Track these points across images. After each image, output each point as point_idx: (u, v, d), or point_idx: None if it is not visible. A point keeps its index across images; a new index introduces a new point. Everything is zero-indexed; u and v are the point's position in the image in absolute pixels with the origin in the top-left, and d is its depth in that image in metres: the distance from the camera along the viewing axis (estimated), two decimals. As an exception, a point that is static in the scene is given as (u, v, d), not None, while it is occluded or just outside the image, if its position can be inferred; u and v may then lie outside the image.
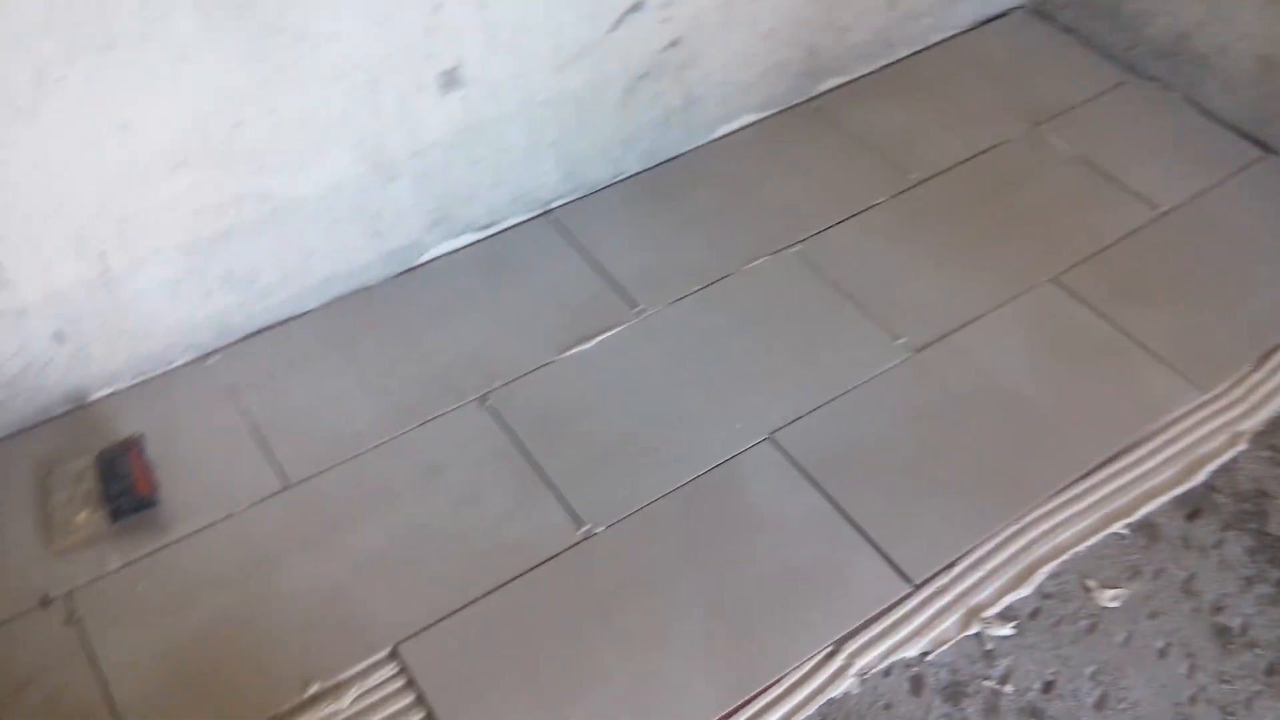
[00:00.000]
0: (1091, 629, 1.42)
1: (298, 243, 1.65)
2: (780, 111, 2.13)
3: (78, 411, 1.62)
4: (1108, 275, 1.84)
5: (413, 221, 1.76)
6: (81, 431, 1.59)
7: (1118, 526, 1.52)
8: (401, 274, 1.82)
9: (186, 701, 1.33)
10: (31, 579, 1.44)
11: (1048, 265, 1.86)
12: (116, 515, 1.47)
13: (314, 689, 1.35)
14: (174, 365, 1.67)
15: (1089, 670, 1.39)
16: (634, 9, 1.75)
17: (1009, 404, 1.65)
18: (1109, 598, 1.45)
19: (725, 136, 2.08)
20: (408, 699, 1.35)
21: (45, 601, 1.42)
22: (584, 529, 1.51)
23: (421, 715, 1.33)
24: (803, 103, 2.14)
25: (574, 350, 1.72)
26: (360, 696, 1.35)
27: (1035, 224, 1.93)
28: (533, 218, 1.91)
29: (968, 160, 2.05)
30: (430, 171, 1.71)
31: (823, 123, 2.12)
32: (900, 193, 1.98)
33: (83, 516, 1.48)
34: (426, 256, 1.83)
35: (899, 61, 2.25)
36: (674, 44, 1.85)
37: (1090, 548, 1.50)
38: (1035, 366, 1.70)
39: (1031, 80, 2.21)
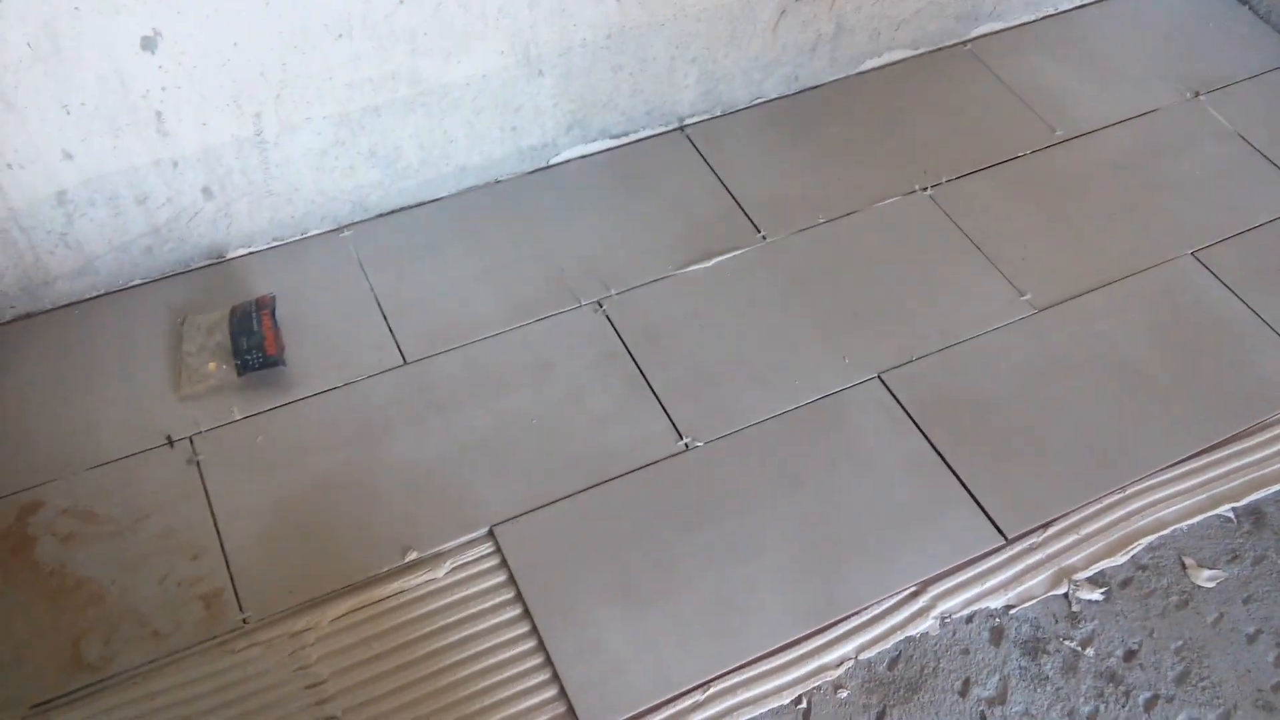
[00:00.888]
0: (1183, 605, 1.41)
1: (440, 128, 1.68)
2: (931, 51, 2.07)
3: (216, 267, 1.69)
4: (1249, 257, 1.77)
5: (550, 121, 1.77)
6: (217, 286, 1.66)
7: (1224, 509, 1.49)
8: (534, 172, 1.84)
9: (291, 550, 1.40)
10: (159, 419, 1.52)
11: (1187, 239, 1.80)
12: (244, 369, 1.54)
13: (412, 556, 1.41)
14: (309, 234, 1.73)
15: (1174, 645, 1.37)
16: (797, -72, 1.72)
17: (1127, 373, 1.62)
18: (1205, 577, 1.43)
19: (871, 71, 2.04)
20: (499, 578, 1.40)
21: (170, 441, 1.50)
22: (684, 441, 1.53)
23: (511, 594, 1.38)
24: (955, 45, 2.09)
25: (693, 267, 1.73)
26: (455, 569, 1.40)
27: (1180, 196, 1.86)
28: (666, 132, 1.91)
29: (1119, 123, 1.98)
30: (573, 72, 1.71)
31: (973, 68, 2.06)
32: (1045, 148, 1.93)
33: (212, 367, 1.55)
34: (559, 158, 1.85)
35: (1060, 14, 2.17)
36: (830, -30, 1.81)
37: (1192, 526, 1.47)
38: (1160, 339, 1.66)
39: (1197, 48, 2.12)
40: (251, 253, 1.70)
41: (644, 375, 1.60)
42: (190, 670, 1.31)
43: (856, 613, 1.39)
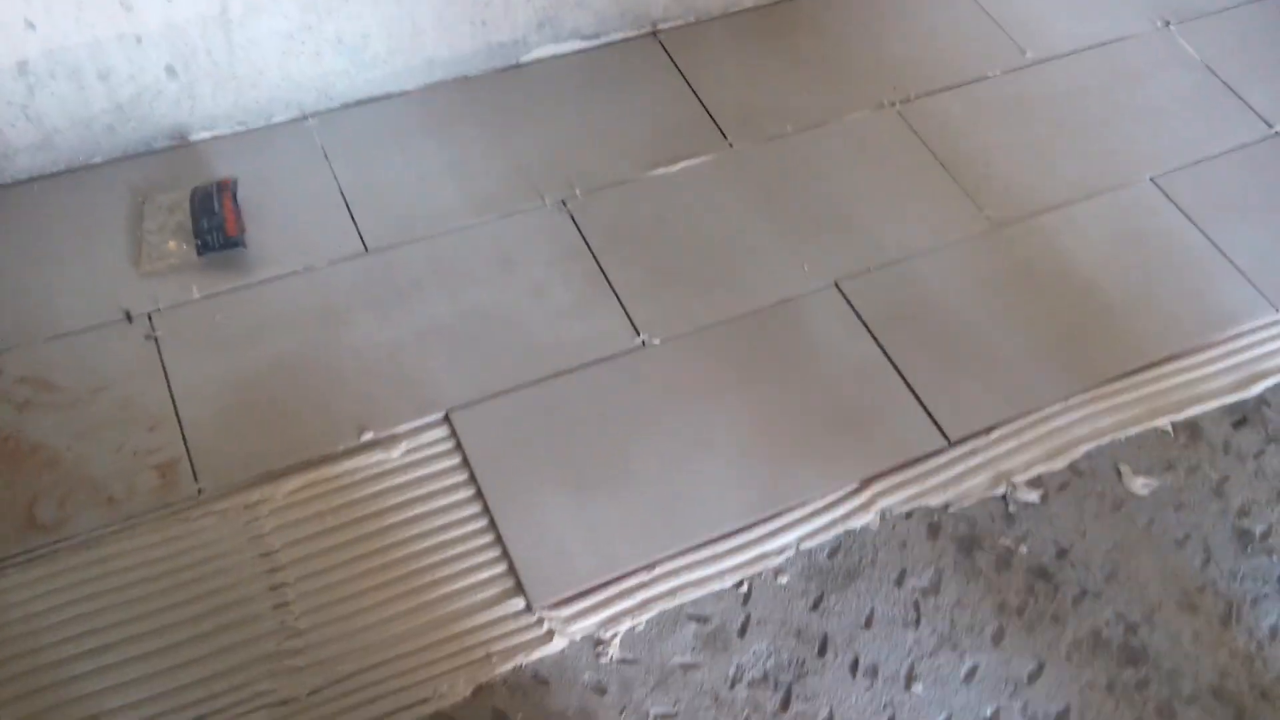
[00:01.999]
0: (1116, 509, 1.45)
1: (409, 19, 1.67)
2: (906, -30, 2.07)
3: (178, 149, 1.68)
4: (1208, 185, 1.80)
5: (521, 17, 1.77)
6: (179, 167, 1.66)
7: (1162, 421, 1.53)
8: (503, 69, 1.83)
9: (248, 426, 1.42)
10: (118, 295, 1.52)
11: (1148, 165, 1.82)
12: (203, 249, 1.54)
13: (368, 436, 1.43)
14: (274, 121, 1.72)
15: (1105, 547, 1.42)
16: None
17: (1080, 291, 1.65)
18: (1140, 485, 1.47)
19: (846, -14, 2.04)
20: (453, 461, 1.42)
21: (129, 317, 1.50)
22: (641, 338, 1.55)
23: (465, 477, 1.41)
24: (930, -36, 2.09)
25: (658, 171, 1.74)
26: (410, 451, 1.43)
27: (1143, 123, 1.88)
28: (638, 36, 1.91)
29: (1089, 49, 1.99)
30: (546, -32, 1.71)
31: (947, -12, 2.06)
32: (1014, 70, 1.94)
33: (172, 245, 1.55)
34: (530, 57, 1.84)
35: (1037, -62, 2.17)
36: (810, -123, 1.80)
37: (1130, 437, 1.52)
38: (1114, 260, 1.69)
39: (1171, -22, 2.13)
40: (215, 136, 1.69)
41: (604, 274, 1.61)
42: (144, 536, 1.33)
43: (800, 505, 1.43)
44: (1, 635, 1.25)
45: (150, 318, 1.51)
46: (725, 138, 1.79)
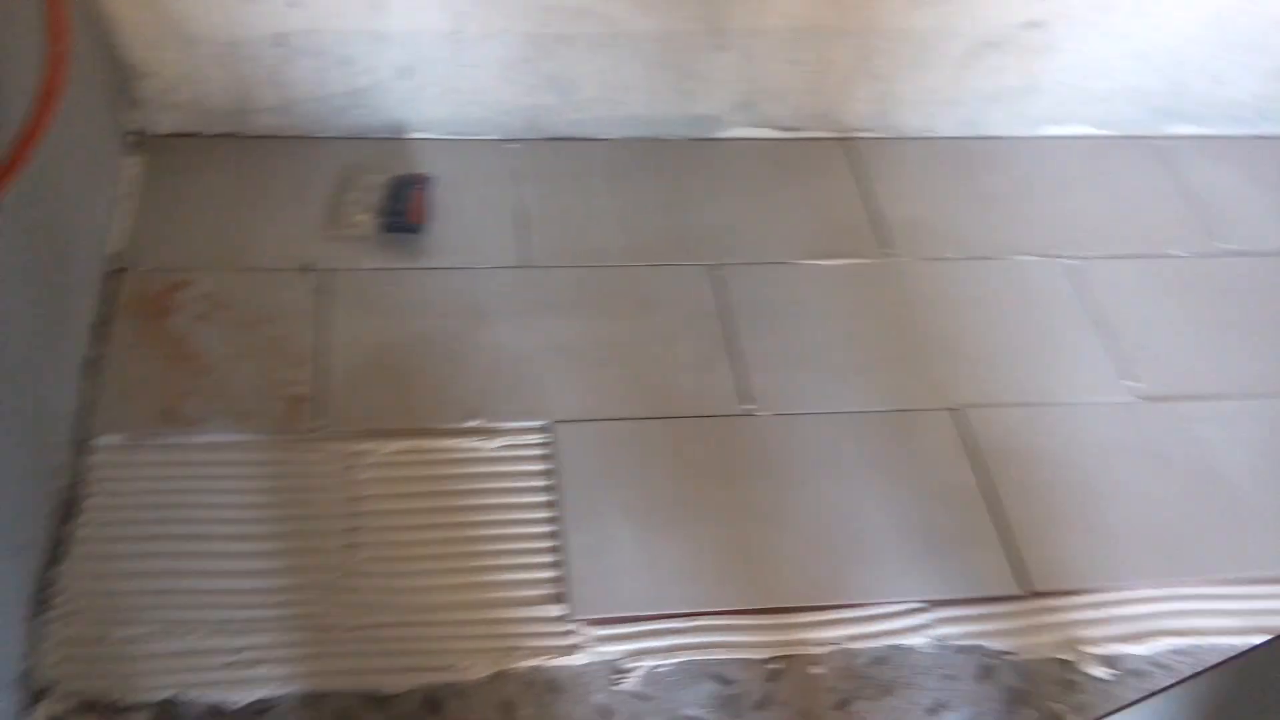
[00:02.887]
0: (1183, 703, 1.37)
1: (620, 73, 1.82)
2: (1116, 136, 2.07)
3: (393, 141, 1.87)
4: (1383, 414, 1.70)
5: (722, 96, 1.89)
6: (389, 156, 1.85)
7: (1261, 639, 1.44)
8: (696, 139, 1.95)
9: (373, 387, 1.55)
10: (304, 249, 1.71)
11: (1320, 378, 1.74)
12: (386, 228, 1.72)
13: (473, 423, 1.53)
14: (480, 137, 1.89)
15: (1161, 739, 1.34)
16: (1005, -26, 1.77)
17: (1213, 484, 1.58)
18: (1217, 687, 1.38)
19: (1050, 137, 2.06)
20: (540, 467, 1.50)
21: (305, 268, 1.68)
22: (748, 406, 1.60)
23: (546, 483, 1.49)
24: (1142, 136, 2.08)
25: (811, 261, 1.80)
26: (505, 447, 1.52)
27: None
28: (830, 138, 1.99)
29: (1286, 252, 1.93)
30: (755, 55, 1.82)
31: (1154, 162, 2.05)
32: (1201, 255, 1.90)
33: (361, 218, 1.73)
34: (724, 134, 1.95)
35: (1268, 138, 2.13)
36: (1035, 25, 1.85)
37: (1222, 646, 1.43)
38: (1261, 464, 1.61)
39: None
40: (427, 138, 1.88)
41: (733, 337, 1.68)
42: (260, 452, 1.47)
43: (858, 605, 1.43)
44: (119, 500, 1.40)
45: (324, 274, 1.68)
46: (885, 247, 1.84)
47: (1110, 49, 1.92)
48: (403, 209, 1.72)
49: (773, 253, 1.80)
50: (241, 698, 1.27)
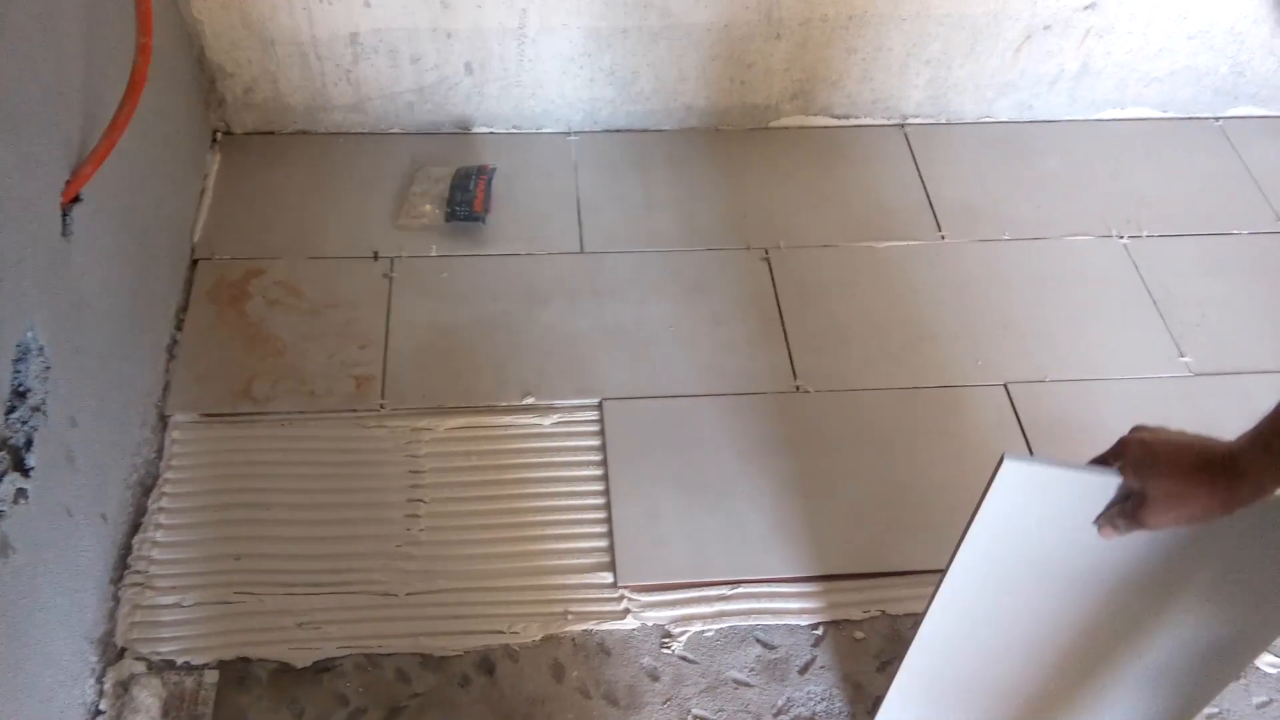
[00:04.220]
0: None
1: (677, 65, 1.87)
2: (1178, 118, 2.06)
3: (458, 135, 1.95)
4: None
5: (777, 85, 1.92)
6: (454, 150, 1.93)
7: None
8: (752, 129, 1.99)
9: (436, 367, 1.63)
10: (373, 237, 1.79)
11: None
12: (451, 217, 1.79)
13: (529, 400, 1.60)
14: (542, 130, 1.96)
15: (1209, 710, 1.34)
16: (1058, -43, 1.78)
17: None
18: (1267, 662, 1.37)
19: (1109, 120, 2.05)
20: (593, 442, 1.56)
21: (375, 256, 1.76)
22: (798, 383, 1.64)
23: (598, 458, 1.54)
24: (1204, 118, 2.06)
25: (865, 243, 1.82)
26: (560, 423, 1.58)
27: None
28: (886, 125, 2.01)
29: (1358, 230, 1.89)
30: (809, 44, 1.85)
31: (1217, 142, 2.02)
32: (1263, 233, 1.88)
33: (427, 208, 1.81)
34: (778, 123, 1.99)
35: (1337, 116, 2.09)
36: (1092, 7, 1.85)
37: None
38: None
39: None
40: (490, 132, 1.96)
41: (782, 319, 1.72)
42: (327, 429, 1.55)
43: (900, 573, 1.45)
44: (195, 474, 1.50)
45: (392, 261, 1.76)
46: (939, 229, 1.85)
47: (1169, 30, 1.90)
48: (467, 199, 1.80)
49: (826, 235, 1.83)
50: (307, 658, 1.35)
